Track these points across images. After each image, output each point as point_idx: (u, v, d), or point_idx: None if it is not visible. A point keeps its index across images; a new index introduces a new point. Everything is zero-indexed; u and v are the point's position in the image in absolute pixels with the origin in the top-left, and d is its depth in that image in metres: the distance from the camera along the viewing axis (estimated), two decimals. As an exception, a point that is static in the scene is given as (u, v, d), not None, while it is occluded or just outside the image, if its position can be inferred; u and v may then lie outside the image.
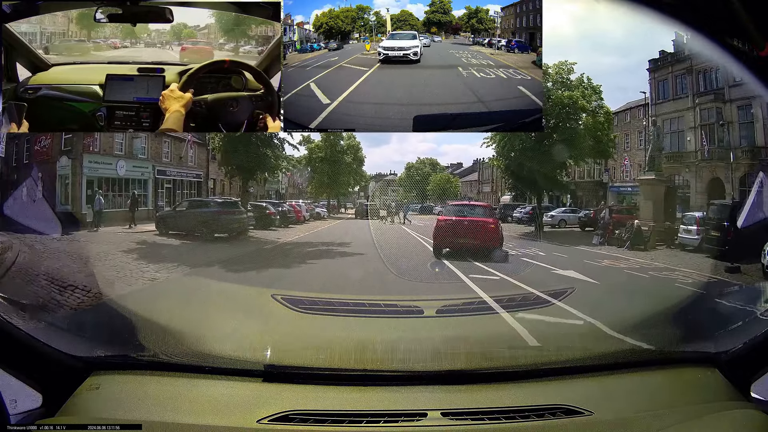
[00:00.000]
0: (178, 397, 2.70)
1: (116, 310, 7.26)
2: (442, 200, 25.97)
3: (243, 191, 19.64)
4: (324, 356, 3.64)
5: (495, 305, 6.51)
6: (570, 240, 19.05)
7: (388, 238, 18.03)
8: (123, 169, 18.73)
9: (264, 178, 21.05)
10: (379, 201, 27.27)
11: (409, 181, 27.75)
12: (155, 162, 20.20)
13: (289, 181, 30.13)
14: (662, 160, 18.56)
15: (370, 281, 9.81)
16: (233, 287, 9.14)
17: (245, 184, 19.51)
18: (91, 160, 17.61)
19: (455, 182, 29.02)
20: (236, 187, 22.16)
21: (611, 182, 23.34)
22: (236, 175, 19.10)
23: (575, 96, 17.98)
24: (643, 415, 2.64)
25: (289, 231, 19.96)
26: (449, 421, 2.57)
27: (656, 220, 16.63)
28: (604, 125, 19.42)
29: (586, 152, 19.75)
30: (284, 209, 21.84)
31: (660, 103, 20.69)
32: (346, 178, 24.79)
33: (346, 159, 23.89)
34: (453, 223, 14.23)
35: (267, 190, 27.18)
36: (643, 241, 15.98)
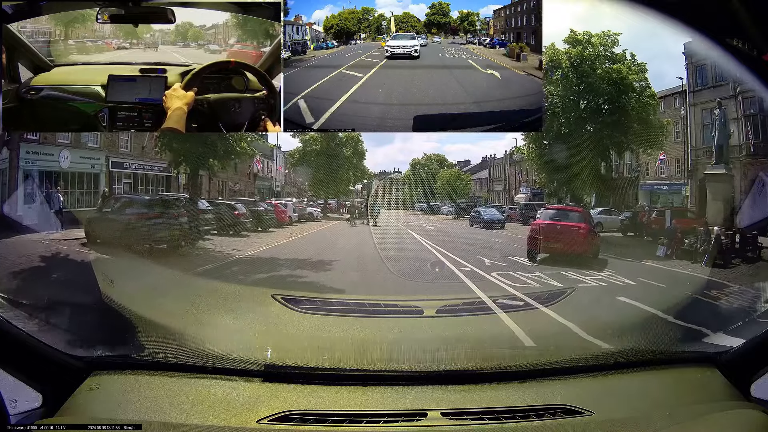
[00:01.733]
0: (178, 397, 2.70)
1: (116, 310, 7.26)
2: (452, 199, 24.19)
3: (191, 186, 15.56)
4: (324, 356, 3.65)
5: (495, 305, 6.51)
6: (627, 251, 14.43)
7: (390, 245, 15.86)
8: (67, 161, 14.99)
9: (220, 167, 16.39)
10: (383, 200, 25.73)
11: (415, 179, 25.45)
12: (110, 152, 16.49)
13: (285, 178, 27.97)
14: (730, 150, 15.11)
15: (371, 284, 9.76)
16: (233, 287, 9.13)
17: (194, 176, 15.51)
18: (28, 150, 14.00)
19: (466, 179, 26.03)
20: (218, 184, 19.50)
21: (643, 180, 20.12)
22: (181, 165, 15.20)
23: (623, 70, 15.26)
24: (643, 415, 2.64)
25: (263, 237, 16.24)
26: (449, 421, 2.57)
27: (726, 224, 12.91)
28: (653, 107, 16.23)
29: (636, 138, 16.51)
30: (260, 209, 17.92)
31: (698, 90, 17.60)
32: (346, 173, 22.07)
33: (345, 152, 21.34)
34: (547, 227, 13.09)
35: (259, 188, 24.58)
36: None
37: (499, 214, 21.22)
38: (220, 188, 21.07)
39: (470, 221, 20.92)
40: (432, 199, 25.64)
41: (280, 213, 19.12)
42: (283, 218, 19.13)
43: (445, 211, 25.23)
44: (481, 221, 20.11)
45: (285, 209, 20.01)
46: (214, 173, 17.91)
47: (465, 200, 24.09)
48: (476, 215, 20.80)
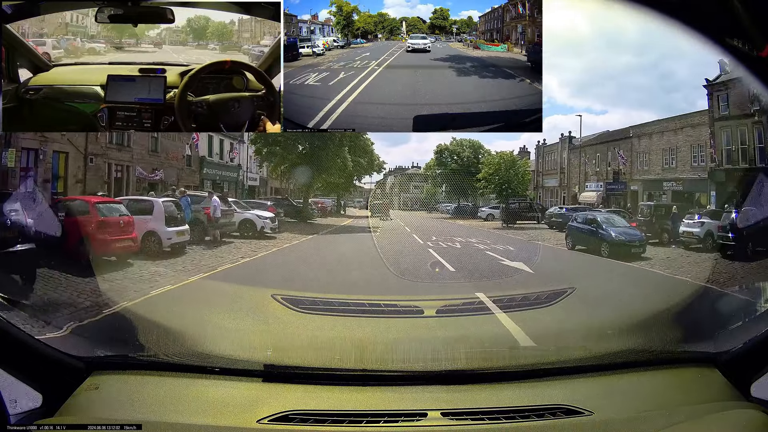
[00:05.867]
0: (178, 397, 2.70)
1: (116, 310, 7.27)
2: (502, 197, 16.00)
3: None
4: (324, 356, 3.65)
5: (495, 306, 6.51)
6: None
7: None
8: None
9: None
10: (398, 201, 19.65)
11: (441, 171, 18.26)
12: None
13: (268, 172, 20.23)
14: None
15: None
16: (233, 287, 9.12)
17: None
18: None
19: (524, 167, 17.50)
20: (106, 167, 12.29)
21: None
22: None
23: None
24: (643, 415, 2.64)
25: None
26: (449, 421, 2.57)
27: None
28: None
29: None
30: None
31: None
32: (332, 161, 14.79)
33: (335, 140, 14.44)
34: None
35: (211, 178, 17.24)
36: None
37: (632, 229, 11.98)
38: (118, 175, 12.41)
39: (569, 239, 12.33)
40: (465, 198, 18.87)
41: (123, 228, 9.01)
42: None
43: (484, 214, 18.11)
44: (607, 243, 10.82)
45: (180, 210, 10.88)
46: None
47: (519, 199, 16.70)
48: (590, 229, 11.33)
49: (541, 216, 16.60)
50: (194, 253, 10.89)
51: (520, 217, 15.14)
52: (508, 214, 15.67)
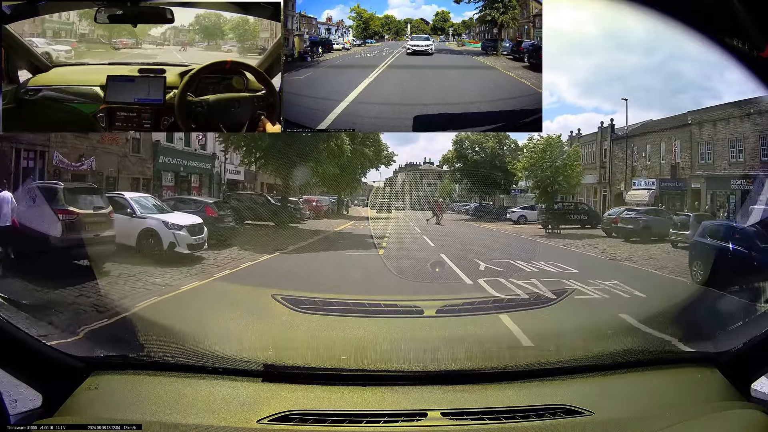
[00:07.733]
0: (178, 397, 2.70)
1: (116, 310, 7.27)
2: (548, 196, 12.81)
3: None
4: (324, 356, 3.65)
5: (495, 306, 6.51)
6: None
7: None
8: None
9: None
10: (409, 199, 17.37)
11: (462, 165, 15.55)
12: None
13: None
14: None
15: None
16: (233, 287, 9.13)
17: None
18: None
19: (575, 157, 14.30)
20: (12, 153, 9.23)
21: None
22: None
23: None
24: (643, 415, 2.64)
25: None
26: (449, 421, 2.57)
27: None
28: None
29: None
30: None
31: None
32: (323, 144, 12.43)
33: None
34: None
35: (171, 168, 14.10)
36: None
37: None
38: (29, 164, 8.94)
39: (697, 265, 8.57)
40: (488, 196, 16.20)
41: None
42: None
43: (515, 216, 15.16)
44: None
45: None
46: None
47: (564, 199, 13.04)
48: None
49: (588, 219, 13.16)
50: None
51: (562, 219, 12.06)
52: (553, 216, 12.30)
